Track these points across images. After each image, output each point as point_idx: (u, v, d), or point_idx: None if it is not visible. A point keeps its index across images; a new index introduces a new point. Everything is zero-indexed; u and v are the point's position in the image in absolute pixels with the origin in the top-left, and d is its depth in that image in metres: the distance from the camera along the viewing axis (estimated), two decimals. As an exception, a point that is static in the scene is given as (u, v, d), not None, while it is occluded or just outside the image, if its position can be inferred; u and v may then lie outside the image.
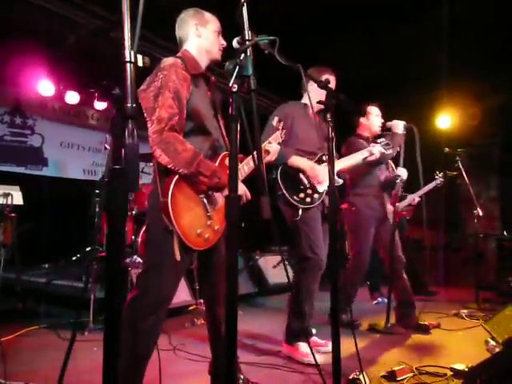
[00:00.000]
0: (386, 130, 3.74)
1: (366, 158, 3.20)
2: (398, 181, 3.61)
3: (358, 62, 5.64)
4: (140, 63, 0.83)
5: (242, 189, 2.06)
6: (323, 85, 1.61)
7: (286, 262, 5.17)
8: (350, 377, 2.29)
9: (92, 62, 4.09)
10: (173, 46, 2.10)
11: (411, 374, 2.42)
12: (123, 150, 0.77)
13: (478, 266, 5.17)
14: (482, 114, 6.60)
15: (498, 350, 2.73)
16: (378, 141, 3.40)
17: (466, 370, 2.35)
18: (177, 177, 1.79)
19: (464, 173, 4.60)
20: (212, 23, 2.08)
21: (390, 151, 3.38)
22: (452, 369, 2.45)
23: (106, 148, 4.84)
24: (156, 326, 1.85)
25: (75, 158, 6.26)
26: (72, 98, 5.66)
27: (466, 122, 6.72)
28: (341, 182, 3.00)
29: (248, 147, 1.27)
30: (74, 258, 4.66)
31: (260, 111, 1.16)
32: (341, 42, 5.13)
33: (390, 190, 3.70)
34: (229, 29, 1.53)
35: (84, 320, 3.44)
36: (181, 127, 1.85)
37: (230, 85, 1.10)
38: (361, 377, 2.26)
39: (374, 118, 3.80)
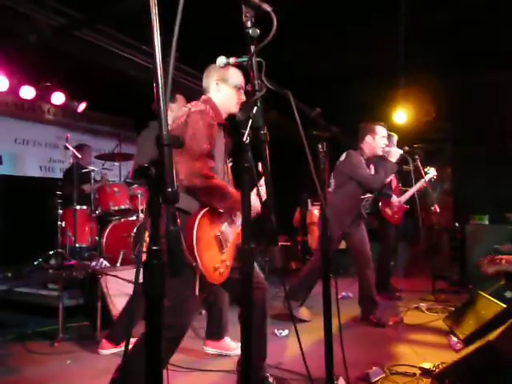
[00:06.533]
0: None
1: None
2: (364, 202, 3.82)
3: (316, 60, 5.72)
4: (178, 145, 0.81)
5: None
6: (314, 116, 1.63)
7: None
8: (329, 382, 2.39)
9: (52, 59, 3.87)
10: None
11: (384, 375, 2.57)
12: (166, 237, 0.77)
13: (433, 258, 5.48)
14: (435, 110, 6.90)
15: (459, 345, 2.95)
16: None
17: (434, 368, 2.52)
18: (199, 216, 1.88)
19: (422, 171, 4.80)
20: (233, 79, 2.19)
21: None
22: (420, 368, 2.61)
23: (66, 147, 4.64)
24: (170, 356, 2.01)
25: (31, 154, 5.96)
26: (27, 92, 5.34)
27: (421, 118, 7.00)
28: None
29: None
30: (35, 263, 4.46)
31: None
32: (299, 40, 5.13)
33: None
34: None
35: (50, 328, 3.34)
36: None
37: (244, 139, 1.11)
38: (339, 381, 2.37)
39: (379, 138, 3.76)
